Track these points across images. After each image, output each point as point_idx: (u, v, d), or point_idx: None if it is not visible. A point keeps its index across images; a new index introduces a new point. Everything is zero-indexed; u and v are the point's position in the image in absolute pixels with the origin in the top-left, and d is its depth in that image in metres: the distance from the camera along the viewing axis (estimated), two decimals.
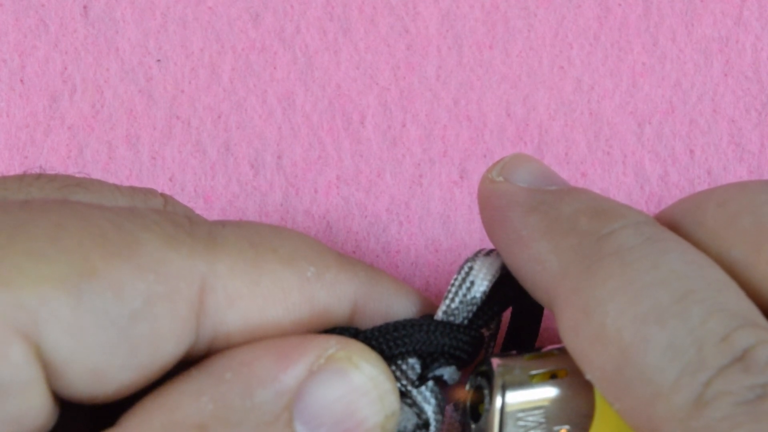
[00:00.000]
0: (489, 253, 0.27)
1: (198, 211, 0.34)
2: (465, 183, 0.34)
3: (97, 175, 0.34)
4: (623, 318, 0.22)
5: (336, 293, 0.24)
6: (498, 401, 0.25)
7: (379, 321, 0.26)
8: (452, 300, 0.26)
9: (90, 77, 0.34)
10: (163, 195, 0.26)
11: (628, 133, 0.35)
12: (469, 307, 0.26)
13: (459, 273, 0.26)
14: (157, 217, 0.23)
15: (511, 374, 0.25)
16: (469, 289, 0.26)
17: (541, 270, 0.24)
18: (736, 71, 0.35)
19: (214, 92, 0.35)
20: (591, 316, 0.22)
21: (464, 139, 0.35)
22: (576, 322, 0.23)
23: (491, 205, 0.26)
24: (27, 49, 0.35)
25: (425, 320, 0.25)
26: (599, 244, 0.23)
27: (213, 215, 0.34)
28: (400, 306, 0.26)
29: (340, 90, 0.35)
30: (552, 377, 0.25)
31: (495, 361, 0.25)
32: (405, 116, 0.35)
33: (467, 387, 0.26)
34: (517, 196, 0.26)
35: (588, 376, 0.23)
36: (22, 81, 0.34)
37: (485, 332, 0.26)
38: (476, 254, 0.26)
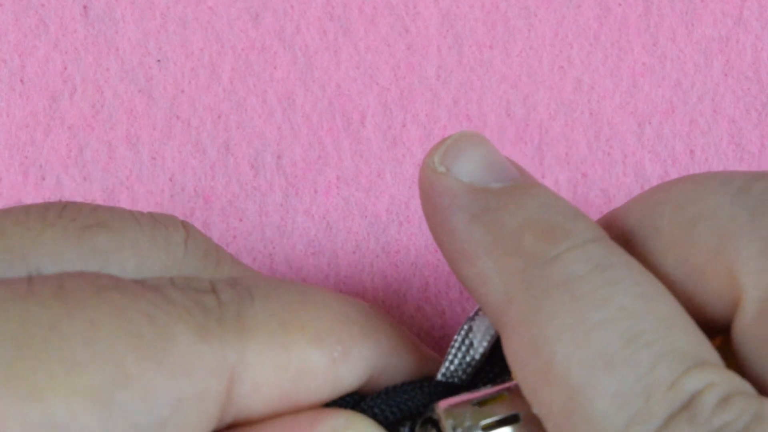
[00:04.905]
0: None
1: (198, 211, 0.34)
2: None
3: (97, 175, 0.34)
4: (571, 360, 0.22)
5: (358, 371, 0.24)
6: None
7: (387, 383, 0.26)
8: (451, 362, 0.26)
9: (90, 77, 0.34)
10: (184, 225, 0.26)
11: (628, 133, 0.35)
12: (469, 369, 0.26)
13: (459, 333, 0.26)
14: (189, 304, 0.22)
15: (463, 426, 0.24)
16: (468, 350, 0.25)
17: (486, 292, 0.24)
18: (736, 71, 0.35)
19: (214, 92, 0.35)
20: (539, 352, 0.22)
21: None
22: (523, 356, 0.22)
23: (432, 203, 0.25)
24: (27, 49, 0.35)
25: (425, 382, 0.25)
26: (546, 271, 0.23)
27: (213, 215, 0.34)
28: (411, 367, 0.26)
29: (340, 90, 0.35)
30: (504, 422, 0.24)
31: (441, 408, 0.24)
32: (405, 116, 0.35)
33: None
34: (460, 198, 0.24)
35: (535, 411, 0.23)
36: (22, 81, 0.34)
37: None
38: (476, 312, 0.26)
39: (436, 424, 0.25)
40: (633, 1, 0.35)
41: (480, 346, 0.25)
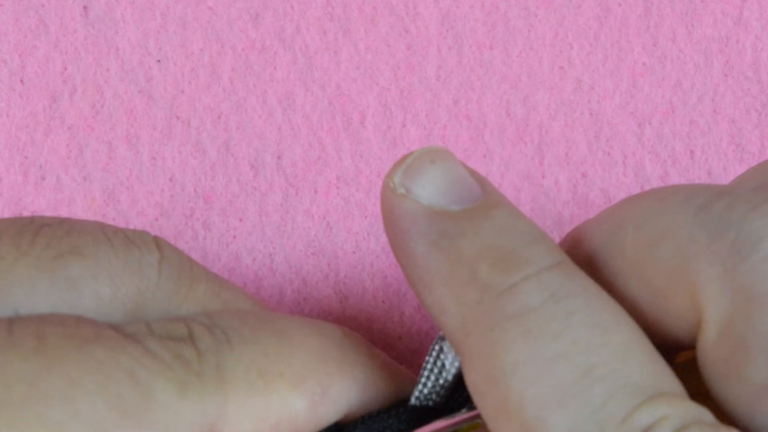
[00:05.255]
0: None
1: (198, 212, 0.34)
2: None
3: (97, 175, 0.34)
4: (525, 395, 0.21)
5: (337, 409, 0.24)
6: None
7: (363, 411, 0.25)
8: (425, 385, 0.25)
9: (90, 77, 0.34)
10: (157, 244, 0.25)
11: (629, 134, 0.35)
12: (442, 391, 0.25)
13: (430, 355, 0.25)
14: (169, 357, 0.22)
15: None
16: (440, 372, 0.25)
17: (445, 321, 0.23)
18: (736, 71, 0.35)
19: (214, 92, 0.35)
20: (495, 385, 0.22)
21: (464, 139, 0.35)
22: (481, 388, 0.22)
23: (393, 226, 0.24)
24: (27, 49, 0.35)
25: (400, 408, 0.25)
26: (500, 302, 0.22)
27: (213, 215, 0.34)
28: (386, 392, 0.26)
29: (340, 90, 0.35)
30: None
31: None
32: (405, 116, 0.35)
33: None
34: (418, 222, 0.24)
35: None
36: (22, 81, 0.34)
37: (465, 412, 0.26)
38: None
39: None
40: (633, 1, 0.35)
41: (452, 367, 0.25)
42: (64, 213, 0.33)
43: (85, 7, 0.35)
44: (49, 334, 0.21)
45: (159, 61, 0.35)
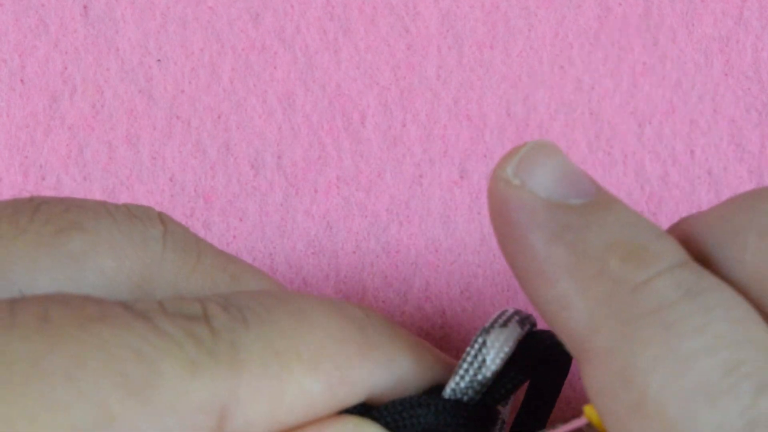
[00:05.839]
0: (506, 323, 0.25)
1: (198, 212, 0.34)
2: (465, 183, 0.34)
3: (97, 175, 0.34)
4: (668, 391, 0.21)
5: (357, 393, 0.24)
6: None
7: (390, 394, 0.25)
8: (462, 378, 0.24)
9: (90, 77, 0.34)
10: (161, 219, 0.25)
11: (629, 133, 0.35)
12: (480, 387, 0.25)
13: (472, 347, 0.25)
14: (180, 335, 0.21)
15: None
16: (480, 367, 0.24)
17: (568, 317, 0.22)
18: (736, 71, 0.35)
19: (214, 92, 0.35)
20: (630, 384, 0.21)
21: (464, 138, 0.35)
22: (612, 387, 0.21)
23: (506, 218, 0.23)
24: (27, 49, 0.35)
25: (432, 399, 0.24)
26: (635, 297, 0.22)
27: (213, 215, 0.34)
28: (414, 378, 0.25)
29: (340, 90, 0.35)
30: None
31: None
32: (405, 116, 0.35)
33: None
34: (538, 214, 0.23)
35: None
36: (22, 81, 0.34)
37: (500, 409, 0.25)
38: (492, 325, 0.25)
39: None
40: (633, 1, 0.35)
41: (493, 364, 0.24)
42: None
43: (85, 7, 0.35)
44: (53, 314, 0.21)
45: (159, 60, 0.35)
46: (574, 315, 0.22)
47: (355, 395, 0.24)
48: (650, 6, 0.35)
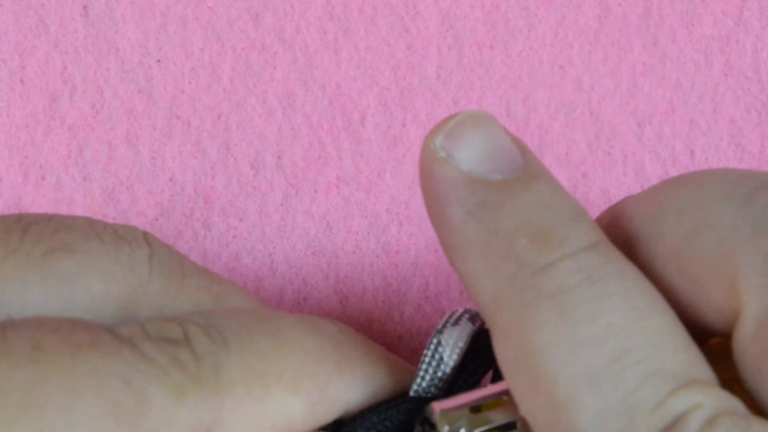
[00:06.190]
0: (457, 321, 0.26)
1: (198, 212, 0.34)
2: None
3: (97, 175, 0.34)
4: (557, 373, 0.21)
5: (335, 408, 0.24)
6: None
7: (363, 407, 0.26)
8: (423, 378, 0.25)
9: (90, 77, 0.34)
10: (146, 240, 0.25)
11: (629, 133, 0.35)
12: (441, 383, 0.25)
13: (428, 348, 0.26)
14: (165, 361, 0.22)
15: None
16: (438, 365, 0.25)
17: (476, 292, 0.23)
18: (736, 71, 0.35)
19: (214, 92, 0.35)
20: (526, 361, 0.22)
21: None
22: (513, 363, 0.22)
23: (429, 190, 0.24)
24: (27, 49, 0.35)
25: (400, 400, 0.25)
26: (536, 280, 0.22)
27: (213, 215, 0.34)
28: (386, 391, 0.26)
29: (340, 90, 0.35)
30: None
31: (437, 411, 0.24)
32: (405, 116, 0.35)
33: None
34: (458, 189, 0.24)
35: (522, 413, 0.23)
36: (22, 81, 0.34)
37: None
38: (444, 325, 0.26)
39: (433, 426, 0.25)
40: (633, 1, 0.35)
41: (450, 359, 0.25)
42: (64, 213, 0.33)
43: (85, 7, 0.35)
44: (44, 341, 0.21)
45: (159, 61, 0.35)
46: (482, 292, 0.23)
47: (333, 411, 0.24)
48: (650, 6, 0.35)
